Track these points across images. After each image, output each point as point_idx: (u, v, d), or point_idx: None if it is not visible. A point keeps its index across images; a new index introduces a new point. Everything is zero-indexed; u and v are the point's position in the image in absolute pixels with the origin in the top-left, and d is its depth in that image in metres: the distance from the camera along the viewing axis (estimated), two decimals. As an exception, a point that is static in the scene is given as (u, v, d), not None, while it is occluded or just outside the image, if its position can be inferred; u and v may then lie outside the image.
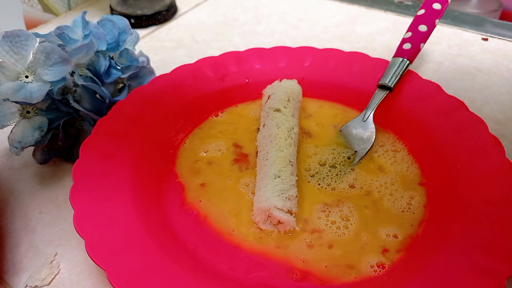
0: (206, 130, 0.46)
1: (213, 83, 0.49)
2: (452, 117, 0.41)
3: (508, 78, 0.56)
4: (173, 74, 0.48)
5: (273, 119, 0.43)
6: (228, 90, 0.49)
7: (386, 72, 0.45)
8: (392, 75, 0.45)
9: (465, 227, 0.32)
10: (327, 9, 0.73)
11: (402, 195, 0.38)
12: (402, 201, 0.38)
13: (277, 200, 0.35)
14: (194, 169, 0.42)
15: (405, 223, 0.36)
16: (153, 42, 0.66)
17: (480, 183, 0.35)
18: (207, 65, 0.50)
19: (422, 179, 0.39)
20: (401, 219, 0.36)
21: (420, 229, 0.35)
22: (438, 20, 0.48)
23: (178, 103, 0.46)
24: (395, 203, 0.37)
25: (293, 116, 0.44)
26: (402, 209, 0.37)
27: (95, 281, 0.34)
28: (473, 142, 0.38)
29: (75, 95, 0.43)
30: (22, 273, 0.35)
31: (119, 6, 0.70)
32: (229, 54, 0.51)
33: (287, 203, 0.35)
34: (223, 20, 0.72)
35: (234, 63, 0.50)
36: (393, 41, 0.64)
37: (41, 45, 0.39)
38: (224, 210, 0.38)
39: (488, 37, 0.64)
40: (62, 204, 0.41)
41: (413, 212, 0.37)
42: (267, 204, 0.35)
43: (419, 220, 0.36)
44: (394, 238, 0.35)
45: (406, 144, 0.43)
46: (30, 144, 0.40)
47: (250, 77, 0.50)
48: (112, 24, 0.47)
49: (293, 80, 0.48)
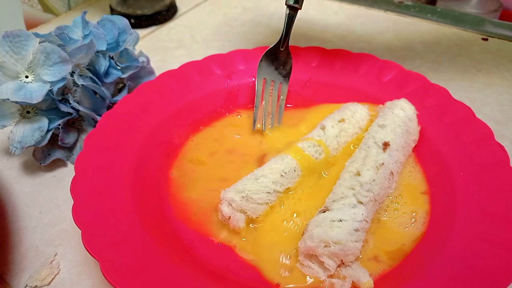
0: (211, 128, 0.46)
1: (220, 80, 0.49)
2: (459, 124, 0.40)
3: (508, 78, 0.56)
4: (179, 70, 0.48)
5: (312, 132, 0.42)
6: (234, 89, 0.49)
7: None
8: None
9: (463, 238, 0.32)
10: (327, 9, 0.73)
11: (404, 211, 0.36)
12: (405, 217, 0.36)
13: (232, 195, 0.35)
14: (194, 166, 0.42)
15: (407, 238, 0.34)
16: (153, 42, 0.66)
17: (482, 192, 0.34)
18: (215, 62, 0.49)
19: (426, 187, 0.38)
20: (404, 235, 0.35)
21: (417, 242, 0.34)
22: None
23: (184, 100, 0.46)
24: (399, 220, 0.36)
25: (335, 137, 0.41)
26: (406, 225, 0.35)
27: (95, 281, 0.34)
28: (477, 150, 0.37)
29: (75, 95, 0.43)
30: (22, 273, 0.35)
31: (119, 6, 0.70)
32: (237, 52, 0.51)
33: (242, 203, 0.35)
34: (223, 20, 0.72)
35: (241, 61, 0.50)
36: (393, 41, 0.64)
37: (41, 45, 0.39)
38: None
39: (488, 37, 0.64)
40: (62, 204, 0.41)
41: (417, 228, 0.35)
42: (222, 195, 0.35)
43: (419, 235, 0.35)
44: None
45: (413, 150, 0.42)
46: (30, 144, 0.40)
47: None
48: (112, 24, 0.47)
49: (364, 105, 0.45)
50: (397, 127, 0.39)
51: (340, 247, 0.30)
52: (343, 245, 0.30)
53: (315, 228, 0.32)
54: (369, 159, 0.37)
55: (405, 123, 0.40)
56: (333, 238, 0.30)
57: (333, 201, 0.34)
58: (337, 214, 0.32)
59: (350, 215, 0.32)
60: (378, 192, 0.35)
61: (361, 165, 0.37)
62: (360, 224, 0.32)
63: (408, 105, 0.42)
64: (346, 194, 0.34)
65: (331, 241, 0.30)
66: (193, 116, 0.46)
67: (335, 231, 0.31)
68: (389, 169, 0.37)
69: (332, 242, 0.30)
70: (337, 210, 0.33)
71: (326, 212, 0.33)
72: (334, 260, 0.31)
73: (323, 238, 0.31)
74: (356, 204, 0.33)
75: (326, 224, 0.32)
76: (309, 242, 0.31)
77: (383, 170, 0.36)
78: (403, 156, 0.39)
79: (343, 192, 0.34)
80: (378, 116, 0.42)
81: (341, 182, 0.36)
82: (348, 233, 0.31)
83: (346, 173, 0.37)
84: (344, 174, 0.37)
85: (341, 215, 0.32)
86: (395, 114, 0.41)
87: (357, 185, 0.34)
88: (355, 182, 0.35)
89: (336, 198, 0.34)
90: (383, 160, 0.37)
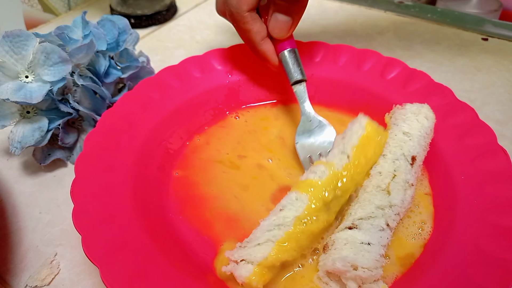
0: (214, 128, 0.46)
1: (221, 76, 0.48)
2: (461, 126, 0.40)
3: (508, 78, 0.56)
4: (180, 66, 0.47)
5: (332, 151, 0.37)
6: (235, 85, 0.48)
7: (290, 68, 0.42)
8: (294, 69, 0.42)
9: (462, 246, 0.32)
10: (327, 9, 0.73)
11: (415, 220, 0.36)
12: (414, 227, 0.35)
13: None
14: (196, 167, 0.42)
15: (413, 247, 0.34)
16: (153, 42, 0.66)
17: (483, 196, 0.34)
18: (216, 58, 0.49)
19: (429, 189, 0.38)
20: (411, 245, 0.35)
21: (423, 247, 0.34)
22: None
23: (185, 97, 0.46)
24: (407, 230, 0.35)
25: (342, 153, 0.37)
26: (413, 236, 0.35)
27: (95, 281, 0.34)
28: (480, 154, 0.37)
29: (75, 95, 0.43)
30: (22, 273, 0.35)
31: (119, 6, 0.70)
32: (238, 47, 0.50)
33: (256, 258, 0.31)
34: (223, 20, 0.72)
35: (243, 56, 0.49)
36: (393, 41, 0.64)
37: (41, 45, 0.39)
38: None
39: (488, 37, 0.64)
40: (62, 204, 0.41)
41: (424, 237, 0.35)
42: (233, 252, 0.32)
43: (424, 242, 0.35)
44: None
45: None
46: (30, 144, 0.40)
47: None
48: (112, 24, 0.47)
49: (386, 131, 0.39)
50: (421, 140, 0.37)
51: (370, 274, 0.29)
52: (372, 272, 0.29)
53: (344, 249, 0.31)
54: (399, 177, 0.35)
55: (428, 135, 0.38)
56: (364, 264, 0.29)
57: (361, 219, 0.33)
58: (365, 236, 0.31)
59: (377, 238, 0.31)
60: (403, 214, 0.34)
61: (391, 181, 0.34)
62: (385, 249, 0.31)
63: (431, 113, 0.39)
64: (375, 215, 0.32)
65: (361, 266, 0.29)
66: (194, 114, 0.46)
67: (366, 257, 0.30)
68: (414, 189, 0.35)
69: (361, 267, 0.29)
70: (365, 231, 0.31)
71: (353, 229, 0.32)
72: (357, 282, 0.30)
73: (353, 262, 0.30)
74: (385, 228, 0.32)
75: (356, 247, 0.30)
76: (338, 263, 0.30)
77: (411, 191, 0.35)
78: (420, 169, 0.38)
79: (373, 212, 0.33)
80: (397, 118, 0.39)
81: (369, 197, 0.34)
82: (376, 259, 0.30)
83: (374, 186, 0.35)
84: (371, 188, 0.35)
85: (370, 238, 0.31)
86: (420, 122, 0.38)
87: (387, 206, 0.33)
88: (385, 202, 0.33)
89: (365, 216, 0.33)
90: (412, 180, 0.35)
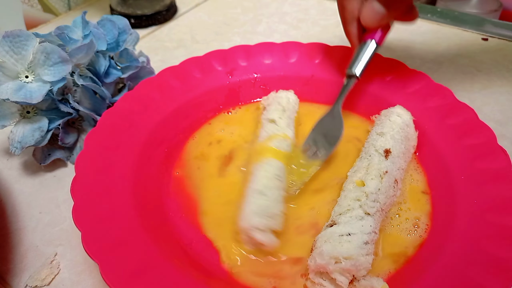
0: (214, 126, 0.46)
1: (221, 77, 0.49)
2: (461, 126, 0.40)
3: (508, 78, 0.56)
4: (180, 67, 0.48)
5: (266, 130, 0.41)
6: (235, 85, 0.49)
7: (355, 60, 0.43)
8: (357, 61, 0.43)
9: (461, 245, 0.31)
10: (327, 9, 0.73)
11: (407, 217, 0.36)
12: (408, 223, 0.36)
13: (257, 220, 0.32)
14: (195, 166, 0.42)
15: (408, 245, 0.34)
16: (153, 42, 0.66)
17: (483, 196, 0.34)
18: (216, 58, 0.49)
19: (427, 188, 0.38)
20: (406, 241, 0.35)
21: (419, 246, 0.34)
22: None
23: (185, 97, 0.46)
24: (401, 226, 0.36)
25: (288, 126, 0.42)
26: (408, 232, 0.35)
27: (95, 281, 0.34)
28: (480, 154, 0.37)
29: (75, 95, 0.43)
30: (22, 273, 0.35)
31: (119, 6, 0.70)
32: (238, 48, 0.50)
33: (269, 222, 0.33)
34: (223, 20, 0.72)
35: (243, 57, 0.50)
36: (393, 41, 0.64)
37: (41, 45, 0.39)
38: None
39: (488, 37, 0.64)
40: (62, 204, 0.41)
41: (420, 235, 0.35)
42: (247, 224, 0.33)
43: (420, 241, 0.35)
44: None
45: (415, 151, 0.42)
46: (30, 144, 0.40)
47: (259, 72, 0.50)
48: (112, 24, 0.47)
49: (289, 90, 0.47)
50: (396, 134, 0.39)
51: (352, 263, 0.29)
52: (355, 260, 0.29)
53: (323, 244, 0.31)
54: (372, 168, 0.36)
55: (403, 129, 0.40)
56: (344, 254, 0.29)
57: (339, 214, 0.33)
58: (345, 227, 0.31)
59: (358, 227, 0.31)
60: (384, 202, 0.34)
61: (364, 174, 0.36)
62: (369, 236, 0.31)
63: (404, 111, 0.41)
64: (352, 206, 0.33)
65: (342, 257, 0.29)
66: (194, 114, 0.46)
67: (345, 246, 0.30)
68: (393, 177, 0.36)
69: (343, 258, 0.29)
70: (344, 224, 0.32)
71: (333, 226, 0.32)
72: (346, 276, 0.30)
73: (333, 254, 0.29)
74: (364, 216, 0.32)
75: (335, 240, 0.31)
76: (319, 259, 0.30)
77: (387, 178, 0.35)
78: (405, 162, 0.39)
79: (349, 204, 0.33)
80: (375, 125, 0.42)
81: (346, 193, 0.35)
82: (358, 247, 0.30)
83: (350, 183, 0.36)
84: (348, 185, 0.36)
85: (350, 229, 0.31)
86: (392, 121, 0.40)
87: (362, 196, 0.34)
88: (360, 193, 0.34)
89: (343, 210, 0.33)
90: (387, 167, 0.36)
